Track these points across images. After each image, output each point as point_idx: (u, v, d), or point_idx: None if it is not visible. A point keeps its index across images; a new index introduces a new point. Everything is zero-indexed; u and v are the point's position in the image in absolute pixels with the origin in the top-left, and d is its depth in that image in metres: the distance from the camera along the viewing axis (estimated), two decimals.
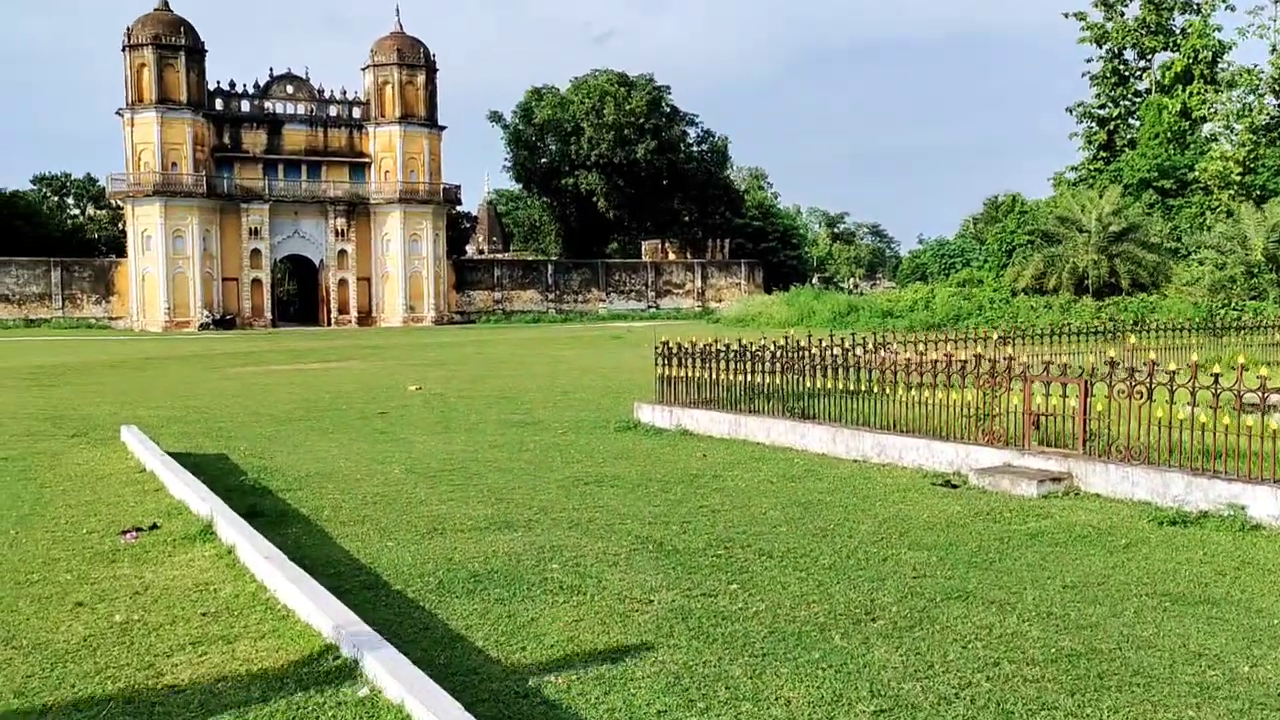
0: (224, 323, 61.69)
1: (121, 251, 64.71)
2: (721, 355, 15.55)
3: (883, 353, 15.70)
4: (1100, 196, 47.84)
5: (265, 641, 6.06)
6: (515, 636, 6.30)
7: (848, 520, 9.41)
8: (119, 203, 65.01)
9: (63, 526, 9.34)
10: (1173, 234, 53.72)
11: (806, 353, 14.62)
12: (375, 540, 8.93)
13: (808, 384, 14.18)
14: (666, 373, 16.39)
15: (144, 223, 61.20)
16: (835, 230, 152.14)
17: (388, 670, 5.13)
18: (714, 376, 15.60)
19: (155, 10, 62.74)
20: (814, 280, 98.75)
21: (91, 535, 8.96)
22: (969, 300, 46.95)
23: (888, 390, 12.95)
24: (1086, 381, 10.46)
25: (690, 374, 15.98)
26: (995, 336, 20.43)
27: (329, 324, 65.02)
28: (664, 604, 6.96)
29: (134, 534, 8.75)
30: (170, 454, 13.71)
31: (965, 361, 11.78)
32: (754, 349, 15.19)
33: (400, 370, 29.08)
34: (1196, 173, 59.27)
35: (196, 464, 13.09)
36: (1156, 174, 60.79)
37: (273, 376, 27.28)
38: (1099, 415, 10.46)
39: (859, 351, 15.13)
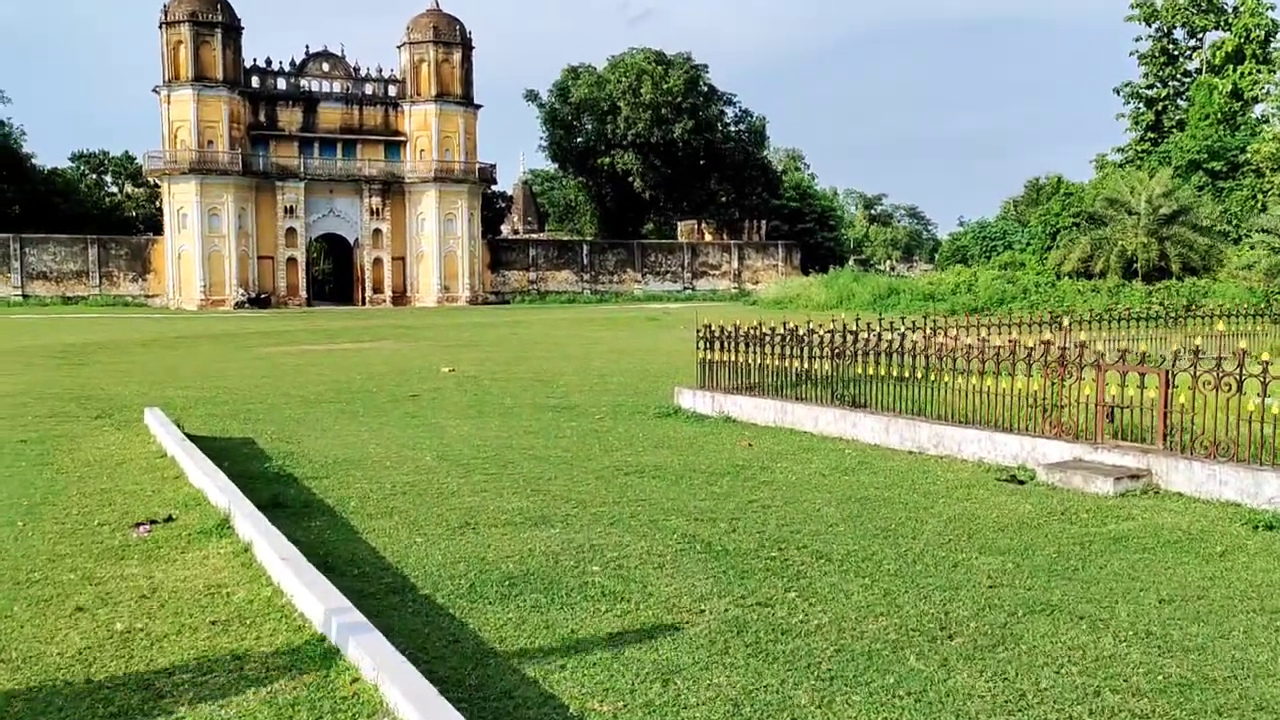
0: (259, 301, 61.57)
1: (158, 229, 64.71)
2: (767, 340, 14.85)
3: (940, 338, 14.96)
4: (1150, 178, 46.54)
5: (277, 660, 5.47)
6: (554, 653, 5.68)
7: (910, 519, 8.73)
8: (155, 180, 64.95)
9: (73, 518, 8.82)
10: (1224, 217, 52.31)
11: (857, 337, 13.90)
12: (404, 535, 8.34)
13: (858, 370, 13.47)
14: (709, 357, 15.72)
15: (180, 200, 61.10)
16: (873, 212, 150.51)
17: (412, 703, 4.50)
18: (759, 361, 14.92)
19: None
20: (851, 262, 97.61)
21: (103, 528, 8.43)
22: (1013, 284, 45.83)
23: (946, 378, 12.21)
24: (1168, 372, 9.68)
25: (734, 359, 15.31)
26: (1065, 321, 19.50)
27: (364, 303, 64.76)
28: (716, 615, 6.32)
29: (147, 527, 8.22)
30: (194, 438, 13.22)
31: (1032, 349, 11.01)
32: (801, 333, 14.49)
33: (433, 351, 28.58)
34: (1248, 154, 57.68)
35: (221, 449, 12.59)
36: (1207, 155, 59.24)
37: (304, 357, 26.85)
38: (1180, 408, 9.69)
39: (914, 336, 14.45)
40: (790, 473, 10.95)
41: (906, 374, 12.74)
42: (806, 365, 14.21)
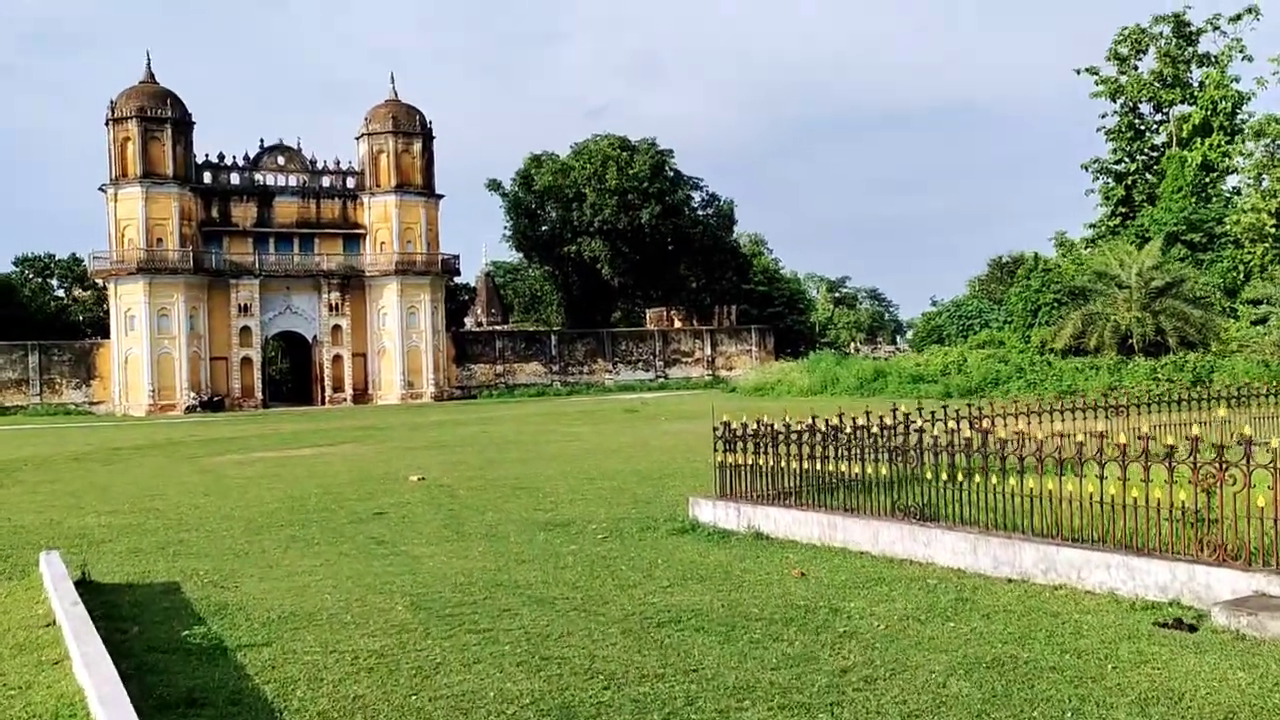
0: (212, 404, 58.51)
1: (106, 333, 61.74)
2: (802, 438, 12.45)
3: (989, 426, 12.63)
4: (1138, 250, 45.14)
5: None
6: None
7: (1086, 703, 6.24)
8: (102, 282, 62.19)
9: None
10: (1208, 289, 50.97)
11: (907, 431, 11.54)
12: None
13: (925, 473, 11.08)
14: (729, 460, 13.28)
15: (127, 302, 58.26)
16: (837, 295, 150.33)
17: None
18: (793, 464, 12.50)
19: (141, 83, 60.43)
20: (817, 346, 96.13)
21: None
22: (1005, 363, 43.93)
23: (1030, 481, 9.80)
24: None
25: (761, 462, 12.87)
26: (1131, 404, 17.26)
27: (323, 403, 61.85)
28: None
29: None
30: (101, 589, 10.58)
31: (1173, 445, 8.64)
32: (847, 428, 12.12)
33: (399, 455, 25.94)
34: (1227, 225, 56.72)
35: (134, 604, 9.96)
36: (1185, 227, 58.27)
37: (256, 467, 24.11)
38: None
39: (962, 426, 12.16)
40: (873, 617, 8.47)
41: (973, 476, 10.36)
42: (856, 467, 11.81)
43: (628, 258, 72.72)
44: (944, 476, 10.60)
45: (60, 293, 78.84)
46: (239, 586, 10.76)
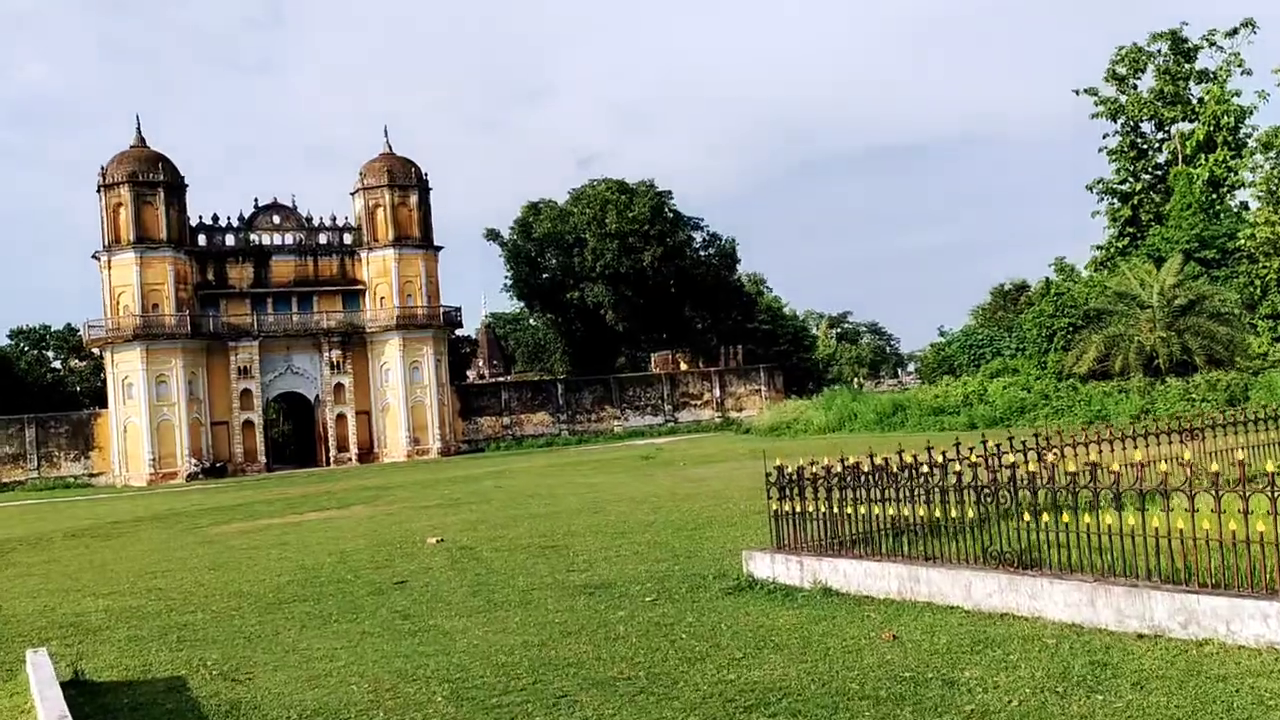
0: (214, 471, 57.15)
1: (104, 403, 60.52)
2: (870, 479, 11.23)
3: (1053, 458, 11.46)
4: (1158, 269, 44.08)
5: None
6: None
7: None
8: (98, 351, 61.05)
9: None
10: (1228, 304, 49.83)
11: (1013, 468, 10.32)
12: None
13: (1024, 517, 9.86)
14: (786, 508, 12.06)
15: (124, 370, 57.07)
16: (839, 330, 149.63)
17: None
18: (860, 510, 11.27)
19: (132, 147, 59.65)
20: (824, 383, 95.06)
21: None
22: (1028, 391, 42.68)
23: (1130, 518, 8.57)
24: None
25: (822, 508, 11.65)
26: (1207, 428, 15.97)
27: (328, 463, 60.48)
28: None
29: None
30: (99, 687, 9.33)
31: None
32: (923, 467, 10.91)
33: (412, 516, 24.64)
34: (1240, 241, 55.73)
35: (135, 706, 8.70)
36: (1197, 245, 57.24)
37: (263, 535, 22.83)
38: None
39: (1033, 457, 10.97)
40: (999, 690, 7.21)
41: (1078, 514, 9.15)
42: (931, 510, 10.58)
43: (631, 301, 71.64)
44: (1045, 517, 9.36)
45: (57, 364, 77.66)
46: (252, 678, 9.51)
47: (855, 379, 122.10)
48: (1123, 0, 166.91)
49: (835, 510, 11.51)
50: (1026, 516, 9.50)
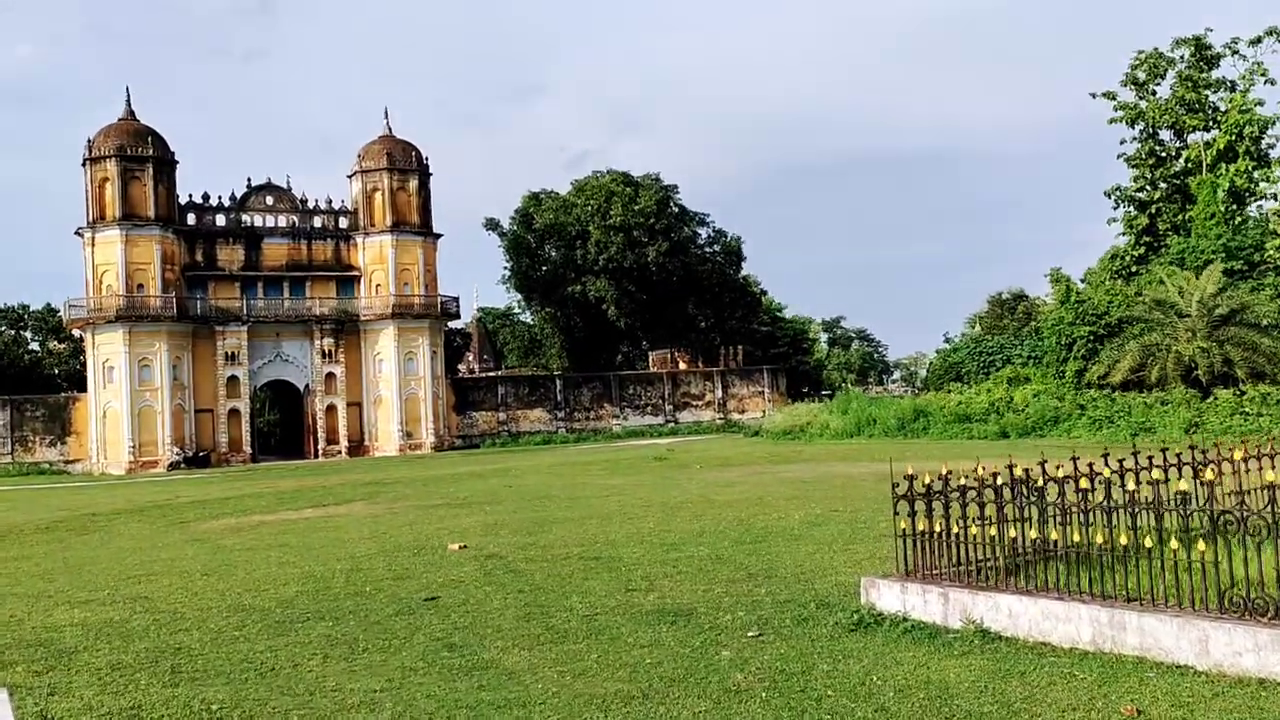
0: (197, 460, 54.62)
1: (83, 387, 57.91)
2: (1044, 495, 9.04)
3: (1211, 475, 9.37)
4: (1197, 277, 42.17)
5: None
6: None
7: None
8: (79, 332, 58.45)
9: None
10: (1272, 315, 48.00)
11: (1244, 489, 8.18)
12: None
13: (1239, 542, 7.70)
14: (923, 527, 9.86)
15: (105, 352, 54.50)
16: (831, 335, 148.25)
17: None
18: (1029, 533, 9.10)
19: (120, 120, 57.13)
20: (822, 386, 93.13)
21: None
22: (1061, 400, 40.64)
23: None
24: None
25: (974, 530, 9.47)
26: None
27: (316, 456, 58.05)
28: None
29: None
30: None
31: None
32: (1078, 481, 8.74)
33: (421, 516, 22.36)
34: (1268, 252, 53.93)
35: None
36: (1225, 255, 55.43)
37: (258, 534, 20.50)
38: None
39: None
40: None
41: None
42: (1134, 538, 8.41)
43: (634, 297, 69.42)
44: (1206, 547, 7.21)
45: (35, 345, 74.90)
46: None
47: (844, 384, 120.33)
48: (1116, 14, 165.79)
49: (989, 532, 9.34)
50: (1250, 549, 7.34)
